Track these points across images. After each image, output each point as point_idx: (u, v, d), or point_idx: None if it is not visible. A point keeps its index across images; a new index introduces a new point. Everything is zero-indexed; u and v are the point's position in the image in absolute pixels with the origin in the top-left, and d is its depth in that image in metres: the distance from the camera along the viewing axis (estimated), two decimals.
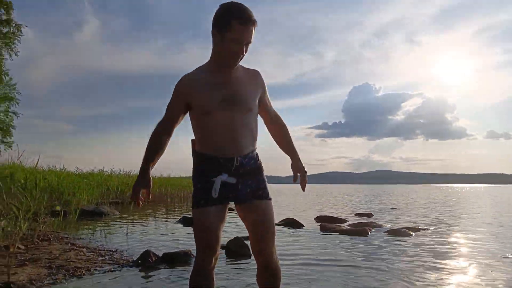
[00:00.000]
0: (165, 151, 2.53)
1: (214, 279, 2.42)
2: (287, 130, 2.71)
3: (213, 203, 2.30)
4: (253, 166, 2.42)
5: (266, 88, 2.50)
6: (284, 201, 24.93)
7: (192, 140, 2.54)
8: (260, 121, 2.68)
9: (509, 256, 5.98)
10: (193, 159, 2.45)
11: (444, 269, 5.15)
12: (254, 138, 2.44)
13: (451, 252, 6.47)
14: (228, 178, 2.31)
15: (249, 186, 2.38)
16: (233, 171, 2.32)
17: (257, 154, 2.48)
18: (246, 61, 2.45)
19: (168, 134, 2.40)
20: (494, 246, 7.13)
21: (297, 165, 2.68)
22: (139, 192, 2.29)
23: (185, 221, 10.33)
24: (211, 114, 2.28)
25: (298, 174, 2.69)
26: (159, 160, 2.46)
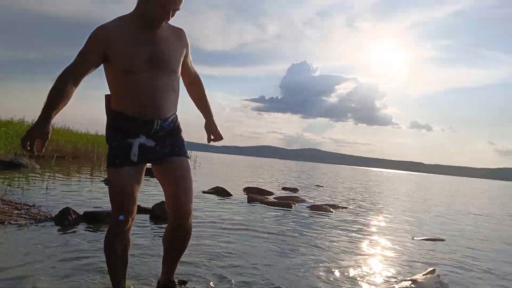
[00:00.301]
0: (93, 107, 2.35)
1: (130, 241, 2.39)
2: (204, 91, 2.68)
3: (129, 163, 2.23)
4: (172, 128, 2.37)
5: (189, 48, 2.41)
6: (215, 170, 25.09)
7: (107, 96, 2.34)
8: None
9: (416, 239, 6.55)
10: (108, 116, 2.31)
11: (356, 244, 5.57)
12: (176, 101, 2.37)
13: (364, 230, 6.97)
14: (146, 141, 2.23)
15: (167, 147, 2.34)
16: (152, 134, 2.25)
17: (176, 116, 2.43)
18: (187, 22, 2.35)
19: (75, 83, 2.12)
20: (406, 227, 7.79)
21: (210, 126, 2.67)
22: (34, 142, 2.01)
23: None
24: (134, 73, 2.14)
25: (212, 136, 2.71)
26: (74, 112, 2.31)
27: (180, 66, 2.34)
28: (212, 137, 2.70)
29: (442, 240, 6.55)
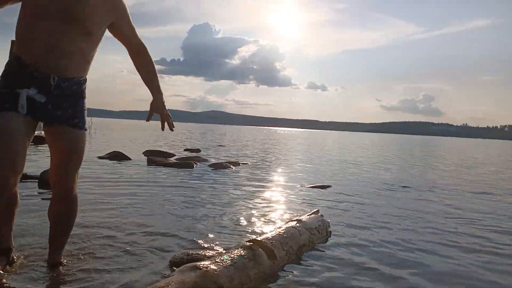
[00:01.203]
0: None
1: (18, 199, 2.28)
2: (149, 63, 2.46)
3: (15, 109, 2.02)
4: (75, 92, 2.19)
5: (128, 14, 2.27)
6: (113, 137, 23.97)
7: (13, 41, 2.22)
8: None
9: (306, 186, 7.15)
10: (7, 62, 2.17)
11: (253, 194, 5.91)
12: (85, 66, 2.20)
13: (261, 182, 7.41)
14: (36, 95, 2.04)
15: (65, 110, 2.17)
16: (46, 89, 2.07)
17: (84, 81, 2.25)
18: None
19: None
20: (298, 177, 8.44)
21: (156, 104, 2.43)
22: None
23: None
24: (41, 18, 1.99)
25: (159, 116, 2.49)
26: None
27: (101, 30, 2.19)
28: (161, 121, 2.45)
29: (329, 186, 7.26)
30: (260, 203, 5.36)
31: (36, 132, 2.26)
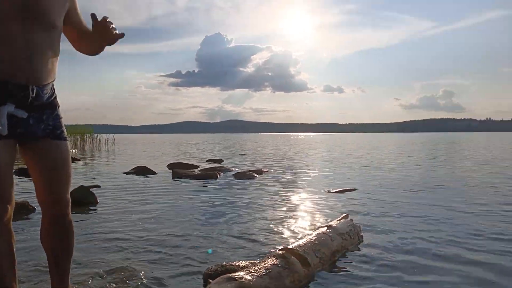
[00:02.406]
0: None
1: (13, 234, 1.91)
2: None
3: None
4: (51, 99, 1.97)
5: (76, 1, 2.05)
6: (136, 151, 24.36)
7: None
8: None
9: (332, 191, 7.10)
10: None
11: (279, 202, 5.91)
12: (55, 65, 1.96)
13: (286, 189, 7.39)
14: (16, 111, 1.79)
15: (46, 123, 1.94)
16: (25, 103, 1.82)
17: (53, 85, 2.00)
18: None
19: None
20: (323, 182, 8.39)
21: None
22: None
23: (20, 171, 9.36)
24: (2, 22, 1.73)
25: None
26: None
27: (61, 20, 1.95)
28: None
29: (355, 189, 7.19)
30: (288, 211, 5.35)
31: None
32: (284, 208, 5.51)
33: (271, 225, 4.46)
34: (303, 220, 4.78)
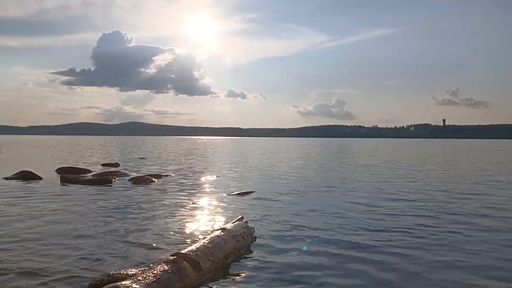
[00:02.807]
0: None
1: None
2: None
3: None
4: None
5: None
6: (22, 154, 22.04)
7: None
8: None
9: (230, 194, 7.17)
10: None
11: (177, 206, 5.79)
12: None
13: (186, 193, 7.26)
14: None
15: None
16: None
17: None
18: None
19: None
20: (223, 185, 8.46)
21: None
22: None
23: None
24: None
25: None
26: None
27: None
28: None
29: (252, 192, 7.38)
30: (185, 215, 5.28)
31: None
32: (182, 213, 5.43)
33: (167, 231, 4.37)
34: (200, 224, 4.77)
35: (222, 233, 3.48)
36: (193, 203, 6.23)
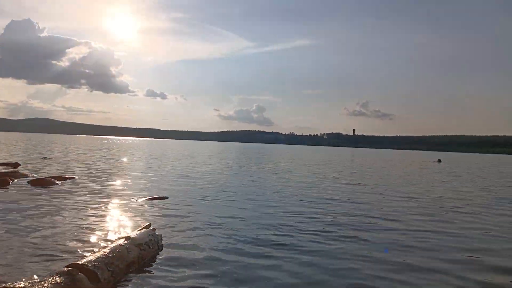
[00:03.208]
0: None
1: None
2: None
3: None
4: None
5: None
6: None
7: None
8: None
9: (141, 199, 6.92)
10: None
11: (81, 212, 5.44)
12: None
13: (91, 197, 6.84)
14: None
15: None
16: None
17: None
18: None
19: None
20: (133, 189, 8.12)
21: None
22: None
23: None
24: None
25: None
26: None
27: None
28: None
29: (166, 197, 7.20)
30: (88, 222, 4.98)
31: None
32: (85, 219, 5.10)
33: (67, 239, 4.08)
34: (104, 232, 4.52)
35: (126, 241, 3.35)
36: (99, 209, 5.89)
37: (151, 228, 4.06)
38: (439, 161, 36.05)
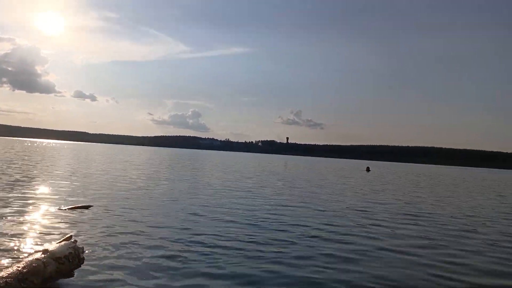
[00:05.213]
0: None
1: None
2: None
3: None
4: None
5: None
6: None
7: None
8: None
9: (63, 208, 6.60)
10: None
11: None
12: None
13: (10, 206, 6.39)
14: None
15: None
16: None
17: None
18: None
19: None
20: (57, 199, 7.67)
21: None
22: None
23: None
24: None
25: None
26: None
27: None
28: None
29: (90, 206, 6.94)
30: (2, 234, 4.69)
31: None
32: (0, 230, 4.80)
33: None
34: (20, 245, 4.29)
35: (43, 255, 3.23)
36: (15, 220, 5.52)
37: (72, 240, 3.94)
38: (368, 169, 37.42)
